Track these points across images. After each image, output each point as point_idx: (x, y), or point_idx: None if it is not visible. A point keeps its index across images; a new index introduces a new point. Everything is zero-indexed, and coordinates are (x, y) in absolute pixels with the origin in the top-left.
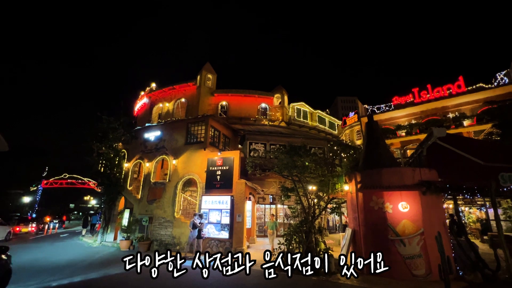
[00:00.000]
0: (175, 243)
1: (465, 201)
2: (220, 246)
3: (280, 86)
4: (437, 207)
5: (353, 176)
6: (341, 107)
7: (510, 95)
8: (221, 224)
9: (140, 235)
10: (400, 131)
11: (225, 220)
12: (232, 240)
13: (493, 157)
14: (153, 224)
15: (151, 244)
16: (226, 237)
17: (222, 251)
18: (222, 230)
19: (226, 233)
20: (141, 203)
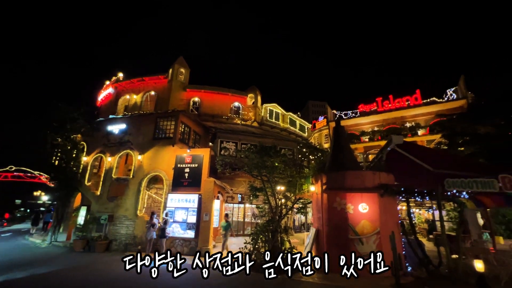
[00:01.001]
0: (136, 243)
1: (416, 203)
2: (185, 245)
3: (254, 86)
4: (392, 208)
5: (320, 178)
6: (312, 111)
7: (457, 109)
8: (187, 223)
9: (97, 235)
10: (364, 137)
11: (192, 219)
12: (198, 239)
13: (441, 164)
14: (113, 223)
15: (109, 244)
16: (192, 237)
17: (187, 250)
18: (188, 229)
19: (192, 233)
20: (101, 200)
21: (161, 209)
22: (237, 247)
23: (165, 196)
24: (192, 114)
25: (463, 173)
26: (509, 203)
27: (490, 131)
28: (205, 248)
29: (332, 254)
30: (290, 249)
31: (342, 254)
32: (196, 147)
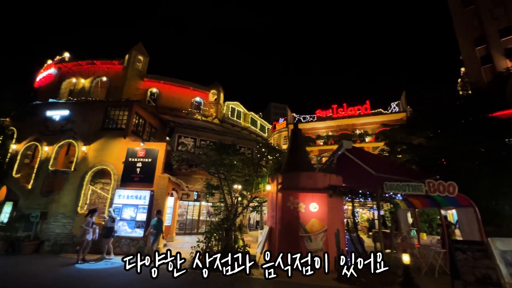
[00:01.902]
0: (74, 243)
1: (360, 203)
2: (132, 245)
3: (218, 82)
4: (339, 208)
5: (276, 178)
6: (273, 112)
7: (398, 121)
8: (136, 221)
9: (25, 234)
10: (319, 140)
11: (141, 217)
12: (147, 238)
13: (382, 169)
14: (46, 221)
15: (40, 245)
16: (141, 236)
17: (134, 250)
18: (137, 227)
19: (141, 231)
20: (32, 195)
21: (106, 206)
22: (190, 246)
23: (113, 192)
24: (148, 106)
25: (399, 178)
26: (432, 204)
27: (422, 142)
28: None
29: (283, 251)
30: (244, 247)
31: (292, 251)
32: (151, 140)
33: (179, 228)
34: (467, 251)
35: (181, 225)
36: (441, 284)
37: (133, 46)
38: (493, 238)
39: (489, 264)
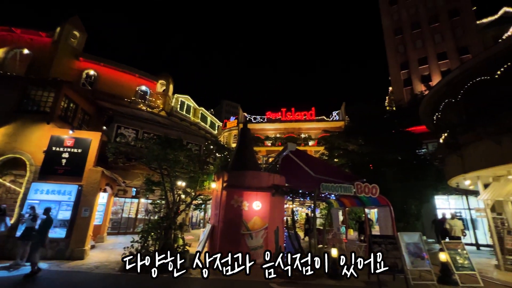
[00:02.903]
0: None
1: (299, 202)
2: (51, 247)
3: (167, 73)
4: (280, 206)
5: (222, 176)
6: (225, 110)
7: (338, 128)
8: (57, 220)
9: None
10: (267, 141)
11: (64, 214)
12: (71, 239)
13: (320, 171)
14: None
15: None
16: (62, 236)
17: (51, 253)
18: (57, 227)
19: (63, 231)
20: None
21: (17, 202)
22: (123, 247)
23: (27, 185)
24: (83, 89)
25: (334, 179)
26: (359, 203)
27: (355, 148)
28: (79, 250)
29: (224, 249)
30: (183, 246)
31: (233, 249)
32: (84, 129)
33: (112, 228)
34: (381, 244)
35: (114, 224)
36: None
37: (68, 19)
38: (401, 233)
39: (397, 255)
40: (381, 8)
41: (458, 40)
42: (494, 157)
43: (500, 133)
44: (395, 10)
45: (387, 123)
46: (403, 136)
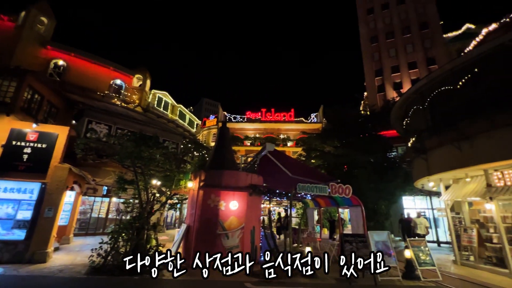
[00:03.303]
0: None
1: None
2: (6, 250)
3: (144, 67)
4: (257, 206)
5: (199, 174)
6: (205, 108)
7: (315, 130)
8: (16, 221)
9: None
10: (247, 141)
11: (24, 214)
12: (31, 241)
13: (297, 171)
14: None
15: None
16: (21, 238)
17: (8, 257)
18: (16, 228)
19: (22, 233)
20: None
21: None
22: (91, 249)
23: None
24: (50, 80)
25: (310, 180)
26: (333, 203)
27: (331, 150)
28: (41, 252)
29: (199, 249)
30: (157, 247)
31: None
32: (50, 122)
33: (79, 228)
34: (352, 242)
35: (82, 225)
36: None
37: (35, 3)
38: (371, 231)
39: (366, 253)
40: (359, 16)
41: (427, 51)
42: (454, 161)
43: (459, 139)
44: (372, 19)
45: (361, 126)
46: (376, 139)
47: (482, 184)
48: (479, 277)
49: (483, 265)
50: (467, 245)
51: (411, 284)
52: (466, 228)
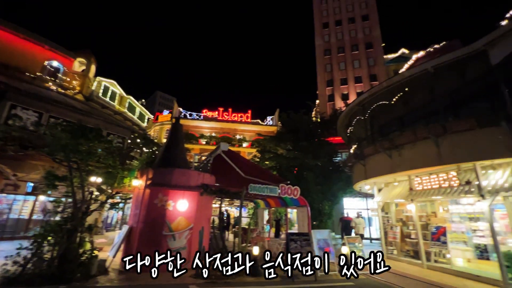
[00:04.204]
0: None
1: (229, 202)
2: None
3: (89, 51)
4: (208, 206)
5: (146, 172)
6: (159, 102)
7: (271, 133)
8: None
9: None
10: (202, 139)
11: None
12: None
13: (250, 172)
14: None
15: None
16: None
17: None
18: None
19: None
20: None
21: None
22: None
23: None
24: None
25: (262, 181)
26: (283, 204)
27: (283, 153)
28: None
29: (142, 253)
30: (91, 251)
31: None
32: None
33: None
34: (297, 241)
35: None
36: (278, 269)
37: None
38: (314, 230)
39: (309, 250)
40: (316, 28)
41: (370, 68)
42: (386, 167)
43: (391, 148)
44: (327, 33)
45: (312, 132)
46: (324, 145)
47: (406, 188)
48: (399, 268)
49: (403, 257)
50: (392, 240)
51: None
52: (392, 226)
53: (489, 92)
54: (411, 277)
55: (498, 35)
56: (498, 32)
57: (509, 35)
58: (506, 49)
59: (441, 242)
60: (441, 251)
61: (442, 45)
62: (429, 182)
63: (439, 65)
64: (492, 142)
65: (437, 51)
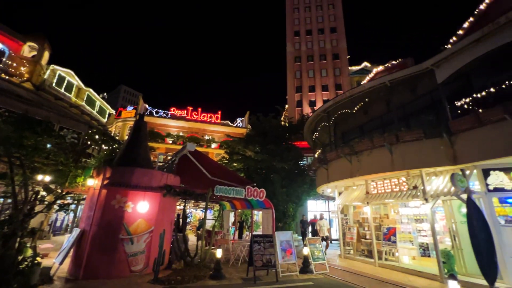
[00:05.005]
0: None
1: (194, 204)
2: None
3: (42, 34)
4: (171, 208)
5: (104, 171)
6: (123, 97)
7: (240, 135)
8: None
9: None
10: (169, 138)
11: None
12: None
13: (217, 173)
14: None
15: None
16: None
17: None
18: None
19: None
20: None
21: None
22: None
23: None
24: None
25: (228, 183)
26: (248, 206)
27: (252, 155)
28: None
29: (94, 257)
30: (33, 258)
31: (107, 256)
32: None
33: None
34: (261, 243)
35: None
36: (241, 271)
37: None
38: (277, 232)
39: (272, 251)
40: (287, 35)
41: (336, 78)
42: (346, 172)
43: (351, 154)
44: (297, 41)
45: (280, 136)
46: (291, 148)
47: (363, 192)
48: (355, 266)
49: (358, 257)
50: (349, 241)
51: (305, 277)
52: (350, 227)
53: (435, 107)
54: (364, 275)
55: (442, 58)
56: (443, 55)
57: (451, 58)
58: (448, 70)
59: (391, 241)
60: (391, 250)
61: (398, 62)
62: (383, 187)
63: (394, 80)
64: (436, 152)
65: (394, 67)
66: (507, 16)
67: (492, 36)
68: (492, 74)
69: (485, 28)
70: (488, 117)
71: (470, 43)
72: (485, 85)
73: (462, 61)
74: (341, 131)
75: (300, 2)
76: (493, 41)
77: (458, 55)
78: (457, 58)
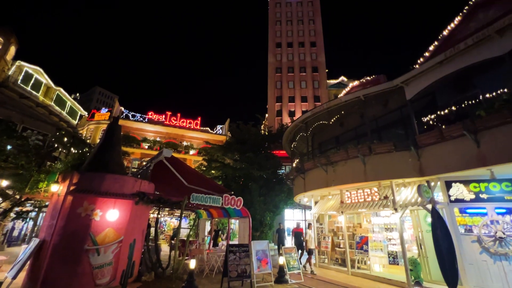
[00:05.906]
0: None
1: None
2: None
3: (10, 28)
4: (143, 216)
5: (70, 176)
6: (97, 99)
7: (219, 142)
8: None
9: None
10: (145, 143)
11: None
12: None
13: (194, 181)
14: None
15: None
16: None
17: None
18: None
19: None
20: None
21: None
22: None
23: None
24: None
25: (205, 190)
26: (225, 214)
27: (230, 163)
28: None
29: (54, 270)
30: None
31: (68, 269)
32: None
33: None
34: (236, 252)
35: None
36: (215, 282)
37: None
38: (253, 241)
39: (247, 261)
40: (269, 46)
41: (315, 90)
42: (322, 182)
43: (327, 164)
44: (279, 52)
45: (259, 144)
46: (270, 157)
47: (338, 201)
48: (329, 275)
49: (332, 265)
50: (324, 250)
51: (280, 287)
52: (325, 236)
53: (404, 121)
54: (337, 283)
55: (411, 76)
56: (411, 74)
57: (419, 77)
58: (416, 88)
59: (363, 250)
60: (363, 258)
61: (372, 78)
62: (356, 196)
63: (368, 95)
64: (404, 164)
65: (368, 82)
66: (465, 43)
67: (453, 59)
68: (454, 94)
69: (447, 52)
70: (449, 133)
71: (435, 65)
72: (448, 103)
73: (428, 81)
74: (318, 141)
75: (282, 15)
76: (454, 64)
77: (424, 75)
78: (424, 78)
